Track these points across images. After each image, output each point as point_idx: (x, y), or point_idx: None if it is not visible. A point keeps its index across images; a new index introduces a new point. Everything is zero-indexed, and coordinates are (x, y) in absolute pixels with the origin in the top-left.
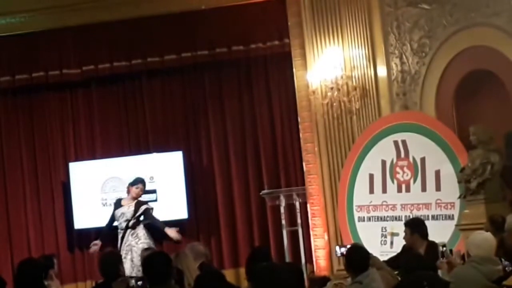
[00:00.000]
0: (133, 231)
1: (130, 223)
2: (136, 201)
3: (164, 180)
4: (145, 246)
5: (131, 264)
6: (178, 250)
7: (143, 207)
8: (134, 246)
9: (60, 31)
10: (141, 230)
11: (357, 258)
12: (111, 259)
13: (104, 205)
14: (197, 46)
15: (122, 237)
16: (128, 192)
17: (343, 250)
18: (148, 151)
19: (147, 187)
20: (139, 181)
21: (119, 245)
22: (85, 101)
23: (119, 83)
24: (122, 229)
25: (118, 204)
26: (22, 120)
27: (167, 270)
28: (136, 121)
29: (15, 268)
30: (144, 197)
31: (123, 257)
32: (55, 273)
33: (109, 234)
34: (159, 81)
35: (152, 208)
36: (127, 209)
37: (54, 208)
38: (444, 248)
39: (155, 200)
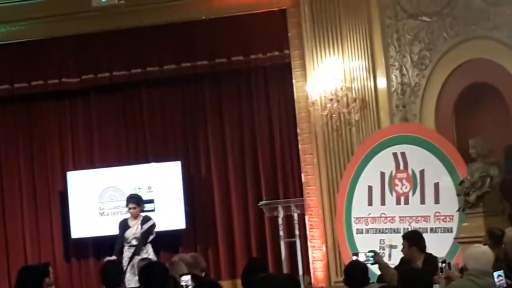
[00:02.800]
0: (144, 248)
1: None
2: (141, 219)
3: (162, 190)
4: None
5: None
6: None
7: (145, 226)
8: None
9: (60, 40)
10: (150, 247)
11: (356, 274)
12: (113, 269)
13: (101, 215)
14: (197, 56)
15: (132, 256)
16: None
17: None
18: (146, 160)
19: (146, 197)
20: (128, 201)
21: (127, 262)
22: (84, 110)
23: (118, 92)
24: (132, 246)
25: (125, 226)
26: (20, 128)
27: (164, 280)
28: (135, 131)
29: (17, 274)
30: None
31: (133, 272)
32: (51, 282)
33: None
34: (158, 91)
35: (153, 225)
36: (136, 229)
37: (51, 217)
38: (444, 264)
39: (153, 210)
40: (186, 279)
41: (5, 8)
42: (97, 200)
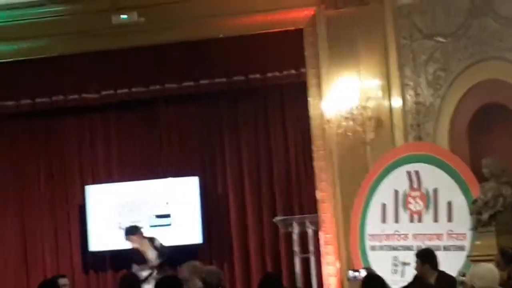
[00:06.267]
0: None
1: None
2: (147, 243)
3: (179, 205)
4: None
5: None
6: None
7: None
8: None
9: (80, 56)
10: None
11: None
12: (130, 281)
13: (120, 228)
14: (215, 74)
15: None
16: None
17: (356, 274)
18: (164, 175)
19: (163, 211)
20: (125, 235)
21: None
22: (103, 125)
23: (137, 108)
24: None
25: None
26: (40, 143)
27: None
28: (153, 146)
29: None
30: (158, 221)
31: None
32: None
33: None
34: (176, 108)
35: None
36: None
37: (70, 230)
38: (463, 278)
39: (169, 225)
40: None
41: (27, 25)
42: (115, 214)
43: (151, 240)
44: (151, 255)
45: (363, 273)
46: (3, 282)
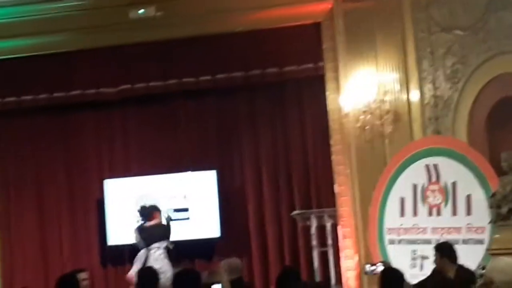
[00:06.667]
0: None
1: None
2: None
3: (197, 199)
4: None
5: None
6: (210, 268)
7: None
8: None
9: (98, 50)
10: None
11: (392, 281)
12: (149, 275)
13: (137, 222)
14: (232, 68)
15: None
16: None
17: (373, 268)
18: (182, 169)
19: (181, 206)
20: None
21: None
22: (121, 120)
23: (155, 102)
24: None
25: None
26: (58, 137)
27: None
28: (170, 140)
29: (56, 283)
30: (176, 215)
31: None
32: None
33: None
34: (193, 102)
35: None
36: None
37: (88, 224)
38: (484, 271)
39: (187, 219)
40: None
41: (44, 20)
42: (134, 207)
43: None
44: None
45: (380, 267)
46: (22, 276)
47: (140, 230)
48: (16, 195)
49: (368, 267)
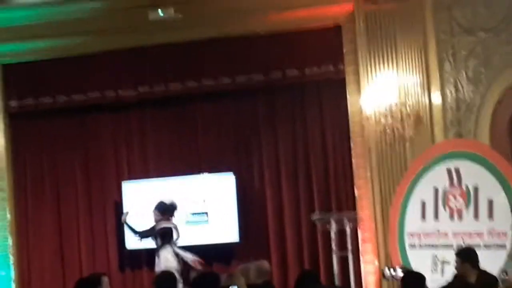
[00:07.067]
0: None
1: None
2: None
3: (216, 202)
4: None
5: None
6: (230, 271)
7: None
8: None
9: (117, 52)
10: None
11: (414, 285)
12: (167, 279)
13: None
14: (252, 70)
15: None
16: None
17: (392, 272)
18: (200, 172)
19: (199, 209)
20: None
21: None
22: (139, 122)
23: (173, 104)
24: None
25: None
26: (76, 139)
27: None
28: (189, 142)
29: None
30: (195, 218)
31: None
32: None
33: None
34: (212, 104)
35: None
36: None
37: (106, 227)
38: (505, 275)
39: (206, 222)
40: None
41: (63, 22)
42: (152, 210)
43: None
44: None
45: (398, 272)
46: (40, 279)
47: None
48: (33, 198)
49: (386, 271)
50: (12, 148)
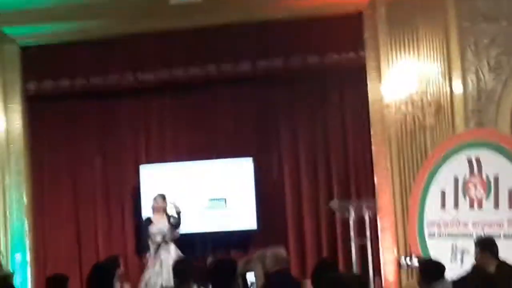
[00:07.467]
0: (166, 246)
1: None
2: (166, 215)
3: (234, 189)
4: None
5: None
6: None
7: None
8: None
9: (136, 36)
10: (172, 246)
11: (432, 273)
12: (184, 266)
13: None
14: (272, 56)
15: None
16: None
17: (408, 261)
18: (218, 157)
19: (217, 195)
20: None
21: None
22: (158, 106)
23: (192, 89)
24: (155, 243)
25: (149, 222)
26: (94, 123)
27: (232, 277)
28: (207, 127)
29: (90, 271)
30: (213, 204)
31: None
32: (122, 273)
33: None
34: (232, 89)
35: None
36: (161, 224)
37: (123, 211)
38: None
39: (223, 208)
40: (249, 277)
41: (83, 4)
42: (169, 195)
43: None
44: (157, 229)
45: (414, 261)
46: (56, 262)
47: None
48: (50, 181)
49: (402, 260)
50: (30, 131)
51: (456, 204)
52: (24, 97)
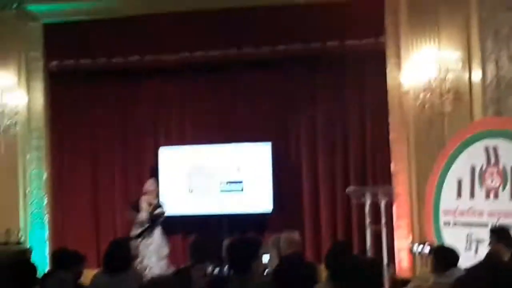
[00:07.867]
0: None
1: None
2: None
3: (251, 171)
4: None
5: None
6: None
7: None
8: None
9: (157, 17)
10: (157, 231)
11: (445, 260)
12: (200, 246)
13: (190, 192)
14: (293, 40)
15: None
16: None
17: (420, 248)
18: (237, 141)
19: (234, 177)
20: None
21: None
22: (178, 87)
23: (213, 71)
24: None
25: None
26: (114, 103)
27: (250, 257)
28: (226, 110)
29: (108, 246)
30: (229, 187)
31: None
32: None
33: None
34: (252, 72)
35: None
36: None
37: (141, 190)
38: None
39: (241, 191)
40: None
41: None
42: (186, 176)
43: (156, 206)
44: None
45: (426, 249)
46: (74, 239)
47: None
48: (70, 158)
49: (415, 247)
50: (51, 107)
51: (472, 193)
52: (46, 74)
